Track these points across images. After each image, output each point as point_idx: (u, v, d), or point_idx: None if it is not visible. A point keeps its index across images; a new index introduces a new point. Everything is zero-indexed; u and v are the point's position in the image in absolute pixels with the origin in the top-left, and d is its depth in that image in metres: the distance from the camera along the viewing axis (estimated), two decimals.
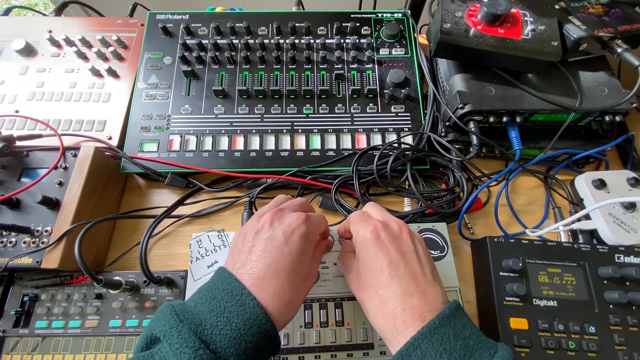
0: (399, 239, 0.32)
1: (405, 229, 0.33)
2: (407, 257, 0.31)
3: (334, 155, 0.52)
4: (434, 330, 0.26)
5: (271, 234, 0.31)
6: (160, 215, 0.48)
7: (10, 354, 0.41)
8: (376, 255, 0.31)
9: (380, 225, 0.32)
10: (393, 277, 0.29)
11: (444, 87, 0.53)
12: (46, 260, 0.41)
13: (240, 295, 0.27)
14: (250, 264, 0.29)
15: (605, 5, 0.49)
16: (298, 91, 0.55)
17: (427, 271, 0.31)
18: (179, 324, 0.25)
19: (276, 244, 0.30)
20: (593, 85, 0.48)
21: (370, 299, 0.31)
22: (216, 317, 0.26)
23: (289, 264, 0.30)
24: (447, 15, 0.47)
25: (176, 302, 0.28)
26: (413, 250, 0.31)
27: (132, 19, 0.62)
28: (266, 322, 0.27)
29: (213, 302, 0.27)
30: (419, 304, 0.28)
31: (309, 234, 0.32)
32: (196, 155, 0.51)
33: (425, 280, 0.30)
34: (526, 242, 0.43)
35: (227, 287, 0.28)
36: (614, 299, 0.39)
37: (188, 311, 0.27)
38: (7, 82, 0.55)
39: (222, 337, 0.25)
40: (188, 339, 0.24)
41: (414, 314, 0.28)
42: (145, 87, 0.55)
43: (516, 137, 0.48)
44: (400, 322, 0.28)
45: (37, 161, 0.46)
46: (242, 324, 0.26)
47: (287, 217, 0.32)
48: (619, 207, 0.47)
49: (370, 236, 0.32)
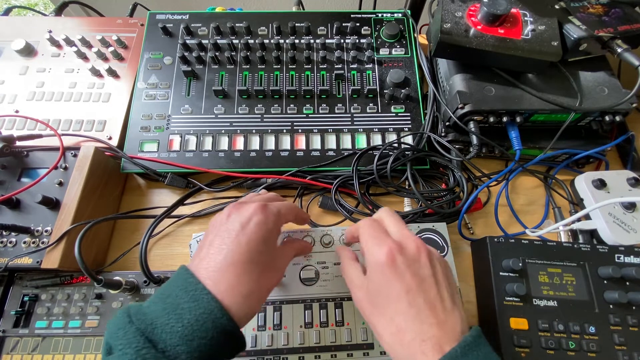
0: (417, 263, 0.30)
1: (424, 250, 0.31)
2: (426, 284, 0.29)
3: (334, 155, 0.52)
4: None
5: (228, 226, 0.30)
6: (160, 215, 0.48)
7: (10, 354, 0.41)
8: (392, 282, 0.29)
9: (396, 248, 0.30)
10: (411, 306, 0.28)
11: (444, 87, 0.53)
12: (46, 260, 0.41)
13: (194, 290, 0.26)
14: (208, 258, 0.29)
15: (605, 5, 0.49)
16: (298, 91, 0.55)
17: (445, 296, 0.29)
18: (127, 325, 0.25)
19: (232, 235, 0.29)
20: (593, 85, 0.48)
21: (386, 327, 0.29)
22: (168, 315, 0.25)
23: (245, 253, 0.29)
24: (447, 15, 0.47)
25: (133, 304, 0.27)
26: (431, 275, 0.29)
27: (132, 19, 0.62)
28: (221, 315, 0.26)
29: (167, 300, 0.26)
30: (438, 333, 0.27)
31: (267, 222, 0.31)
32: (196, 155, 0.51)
33: (443, 308, 0.28)
34: (526, 242, 0.43)
35: (183, 283, 0.27)
36: (614, 299, 0.39)
37: (141, 312, 0.26)
38: (7, 82, 0.55)
39: (172, 334, 0.24)
40: (132, 340, 0.24)
41: (433, 344, 0.26)
42: (145, 87, 0.55)
43: (516, 137, 0.48)
44: (419, 353, 0.26)
45: (37, 161, 0.46)
46: (194, 320, 0.25)
47: (245, 207, 0.32)
48: (619, 207, 0.47)
49: (385, 260, 0.29)
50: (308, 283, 0.41)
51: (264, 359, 0.39)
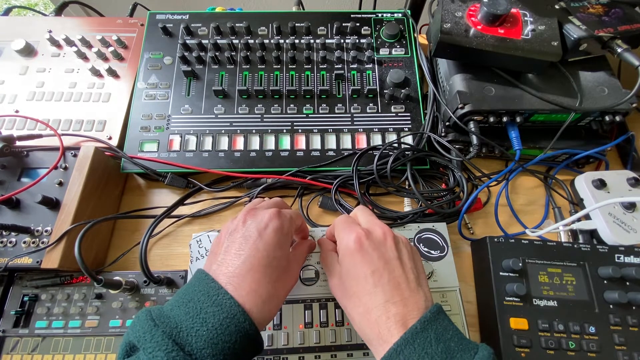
0: (383, 246, 0.32)
1: (390, 234, 0.33)
2: (391, 265, 0.31)
3: (334, 155, 0.52)
4: (415, 335, 0.26)
5: (244, 232, 0.31)
6: (160, 215, 0.48)
7: (10, 354, 0.41)
8: (360, 264, 0.31)
9: (363, 233, 0.32)
10: (377, 285, 0.29)
11: (444, 87, 0.53)
12: (46, 260, 0.41)
13: (216, 295, 0.27)
14: (226, 264, 0.29)
15: (605, 5, 0.49)
16: (298, 91, 0.55)
17: (411, 277, 0.31)
18: (152, 328, 0.25)
19: (250, 241, 0.30)
20: (593, 85, 0.48)
21: (354, 307, 0.31)
22: (192, 318, 0.26)
23: (264, 258, 0.29)
24: (447, 15, 0.47)
25: (154, 307, 0.28)
26: (397, 257, 0.31)
27: (132, 19, 0.62)
28: (244, 320, 0.26)
29: (190, 304, 0.27)
30: (402, 310, 0.28)
31: (282, 228, 0.32)
32: (196, 155, 0.51)
33: (408, 287, 0.30)
34: (526, 242, 0.43)
35: (204, 288, 0.28)
36: (614, 299, 0.39)
37: (164, 315, 0.27)
38: (7, 82, 0.55)
39: (198, 338, 0.25)
40: (161, 342, 0.24)
41: (397, 321, 0.28)
42: (145, 87, 0.55)
43: (516, 137, 0.48)
44: (385, 330, 0.28)
45: (37, 161, 0.46)
46: (218, 324, 0.26)
47: (260, 213, 0.32)
48: (619, 207, 0.47)
49: (353, 244, 0.31)
50: (308, 283, 0.41)
51: (264, 359, 0.39)
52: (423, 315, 0.28)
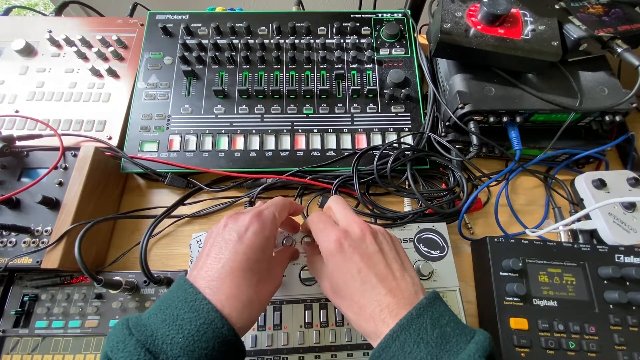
0: (363, 243, 0.31)
1: (367, 229, 0.32)
2: (374, 260, 0.31)
3: (334, 155, 0.52)
4: (411, 321, 0.27)
5: (225, 235, 0.31)
6: (160, 215, 0.48)
7: (10, 354, 0.41)
8: (344, 265, 0.31)
9: (342, 234, 0.31)
10: (364, 282, 0.30)
11: (444, 87, 0.53)
12: (46, 260, 0.41)
13: (194, 300, 0.27)
14: (206, 268, 0.29)
15: (605, 5, 0.49)
16: (298, 91, 0.55)
17: (395, 267, 0.31)
18: (127, 338, 0.24)
19: (230, 244, 0.30)
20: (593, 85, 0.48)
21: (349, 308, 0.31)
22: (168, 326, 0.25)
23: (243, 262, 0.29)
24: (447, 15, 0.47)
25: (132, 316, 0.27)
26: (378, 251, 0.31)
27: (132, 19, 0.62)
28: (222, 325, 0.26)
29: (167, 311, 0.26)
30: (392, 300, 0.28)
31: (264, 230, 0.31)
32: (196, 155, 0.51)
33: (394, 277, 0.30)
34: (526, 242, 0.43)
35: (182, 294, 0.27)
36: (614, 299, 0.39)
37: (141, 323, 0.26)
38: (7, 82, 0.55)
39: (173, 346, 0.24)
40: (133, 352, 0.23)
41: (390, 311, 0.28)
42: (145, 87, 0.55)
43: (516, 137, 0.48)
44: (380, 322, 0.28)
45: (37, 161, 0.46)
46: (195, 330, 0.25)
47: (241, 217, 0.32)
48: (619, 207, 0.47)
49: (334, 247, 0.31)
50: (308, 283, 0.41)
51: (264, 359, 0.39)
52: (419, 301, 0.28)
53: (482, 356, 0.25)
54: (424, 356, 0.25)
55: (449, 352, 0.25)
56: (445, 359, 0.25)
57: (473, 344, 0.26)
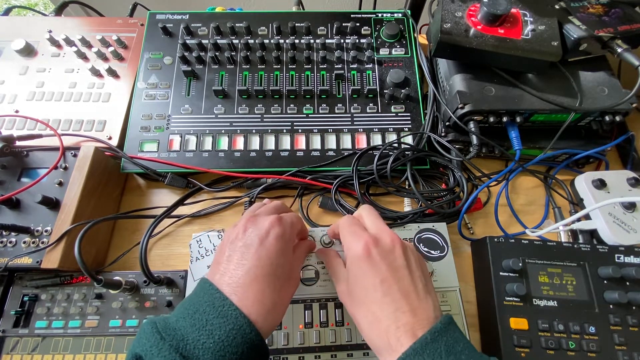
0: (391, 254, 0.31)
1: (398, 242, 0.32)
2: (400, 273, 0.30)
3: (334, 155, 0.52)
4: (425, 346, 0.26)
5: (246, 240, 0.31)
6: (160, 215, 0.48)
7: (10, 354, 0.41)
8: (368, 273, 0.30)
9: (371, 241, 0.31)
10: (386, 295, 0.29)
11: (444, 87, 0.53)
12: (46, 260, 0.41)
13: (222, 306, 0.27)
14: (229, 274, 0.29)
15: (605, 5, 0.49)
16: (298, 91, 0.55)
17: (419, 286, 0.30)
18: (159, 342, 0.25)
19: (252, 250, 0.30)
20: (593, 85, 0.48)
21: (363, 316, 0.30)
22: (198, 330, 0.26)
23: (266, 267, 0.29)
24: (447, 15, 0.47)
25: (158, 318, 0.27)
26: (405, 266, 0.31)
27: (132, 19, 0.62)
28: (250, 331, 0.26)
29: (195, 315, 0.27)
30: (411, 320, 0.28)
31: (284, 234, 0.31)
32: (196, 155, 0.51)
33: (417, 296, 0.29)
34: (526, 242, 0.43)
35: (209, 298, 0.28)
36: (614, 299, 0.39)
37: (170, 327, 0.26)
38: (7, 82, 0.55)
39: (205, 350, 0.25)
40: (169, 357, 0.24)
41: (407, 331, 0.27)
42: (145, 87, 0.55)
43: (516, 137, 0.48)
44: (394, 340, 0.27)
45: (37, 161, 0.46)
46: (225, 336, 0.26)
47: (260, 221, 0.32)
48: (619, 207, 0.47)
49: (362, 253, 0.31)
50: (308, 283, 0.41)
51: None
52: (433, 325, 0.27)
53: None
54: None
55: None
56: None
57: None
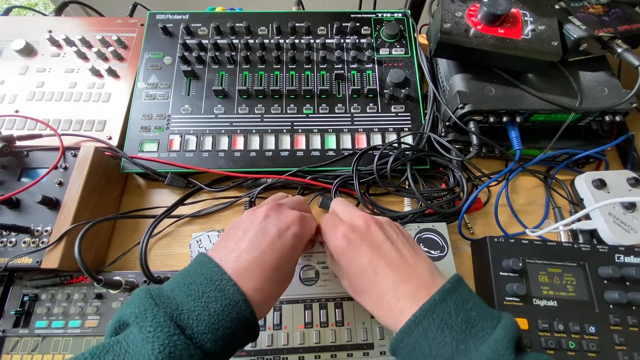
0: (369, 234, 0.31)
1: (371, 220, 0.32)
2: (383, 249, 0.30)
3: (334, 155, 0.52)
4: (434, 306, 0.26)
5: (264, 227, 0.30)
6: (160, 215, 0.48)
7: (10, 354, 0.41)
8: (355, 259, 0.31)
9: (348, 229, 0.32)
10: (377, 273, 0.29)
11: (444, 87, 0.53)
12: (46, 260, 0.40)
13: (220, 280, 0.27)
14: (237, 253, 0.29)
15: (605, 5, 0.49)
16: (298, 91, 0.55)
17: (406, 253, 0.30)
18: (154, 307, 0.24)
19: (268, 238, 0.30)
20: (593, 85, 0.48)
21: (368, 302, 0.31)
22: (194, 302, 0.25)
23: (275, 259, 0.29)
24: (447, 15, 0.47)
25: (152, 286, 0.27)
26: (385, 239, 0.31)
27: (132, 19, 0.62)
28: (245, 308, 0.26)
29: (191, 286, 0.26)
30: (409, 287, 0.28)
31: (302, 235, 0.31)
32: (196, 155, 0.51)
33: (407, 264, 0.30)
34: (526, 242, 0.43)
35: (207, 272, 0.27)
36: (614, 299, 0.39)
37: (164, 295, 0.26)
38: (7, 82, 0.55)
39: (199, 322, 0.24)
40: (163, 324, 0.23)
41: (407, 299, 0.28)
42: (145, 87, 0.55)
43: (516, 137, 0.48)
44: (398, 312, 0.28)
45: (37, 161, 0.46)
46: (220, 310, 0.25)
47: (284, 213, 0.32)
48: (619, 207, 0.47)
49: (342, 243, 0.31)
50: (308, 283, 0.42)
51: (264, 359, 0.39)
52: (442, 286, 0.27)
53: (511, 341, 0.24)
54: (448, 342, 0.25)
55: (474, 337, 0.25)
56: (471, 344, 0.24)
57: (500, 329, 0.25)
